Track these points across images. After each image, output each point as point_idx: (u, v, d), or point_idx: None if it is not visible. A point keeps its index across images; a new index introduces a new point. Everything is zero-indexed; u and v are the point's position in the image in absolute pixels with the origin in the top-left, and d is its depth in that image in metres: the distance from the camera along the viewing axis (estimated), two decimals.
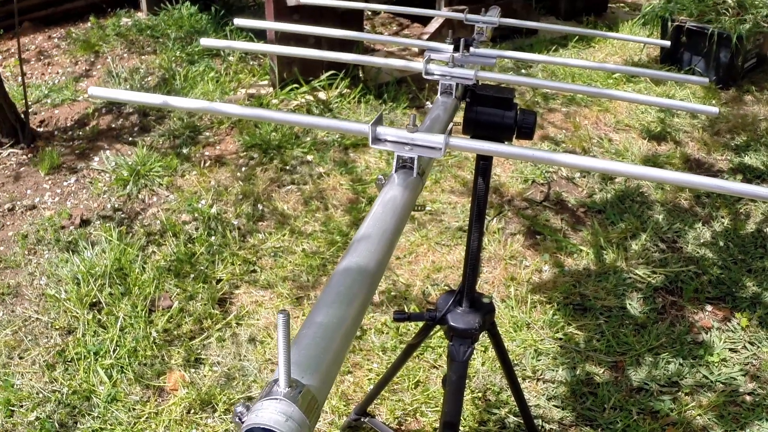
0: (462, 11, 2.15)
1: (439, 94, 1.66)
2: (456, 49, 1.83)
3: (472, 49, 1.85)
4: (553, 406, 3.00)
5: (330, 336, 0.87)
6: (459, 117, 1.72)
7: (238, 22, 2.11)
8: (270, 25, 2.17)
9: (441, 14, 2.37)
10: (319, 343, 0.86)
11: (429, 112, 1.55)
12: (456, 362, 2.03)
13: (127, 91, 1.37)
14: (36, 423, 2.89)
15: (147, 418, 2.93)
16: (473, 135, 1.71)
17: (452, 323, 2.04)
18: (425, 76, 1.66)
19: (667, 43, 2.36)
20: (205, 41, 1.92)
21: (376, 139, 1.26)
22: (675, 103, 1.67)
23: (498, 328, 2.25)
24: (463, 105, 1.73)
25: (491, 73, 1.68)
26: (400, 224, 1.13)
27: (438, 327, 2.15)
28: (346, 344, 0.90)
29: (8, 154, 4.68)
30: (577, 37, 6.60)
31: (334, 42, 5.11)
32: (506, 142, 1.69)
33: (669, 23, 6.03)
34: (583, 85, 1.73)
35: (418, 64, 1.68)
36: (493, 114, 1.70)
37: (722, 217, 4.12)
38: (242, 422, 0.77)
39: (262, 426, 0.75)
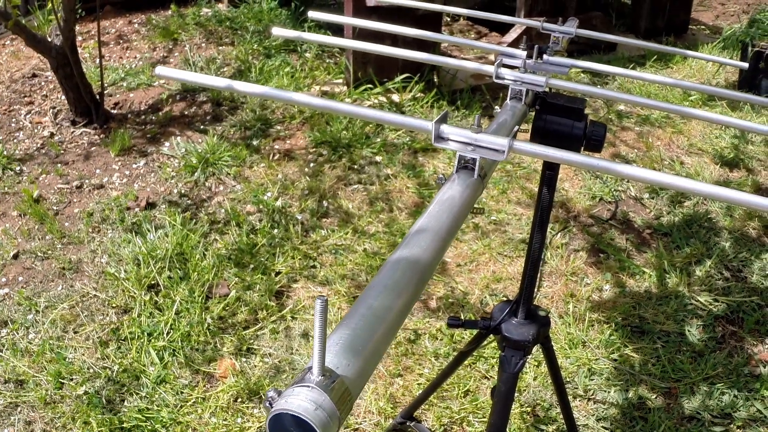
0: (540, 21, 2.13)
1: (508, 99, 1.63)
2: (529, 56, 1.81)
3: (545, 56, 1.83)
4: (602, 427, 2.95)
5: (372, 329, 0.86)
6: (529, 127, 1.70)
7: (313, 14, 2.10)
8: (344, 19, 2.17)
9: (517, 21, 2.35)
10: (359, 334, 0.84)
11: (496, 117, 1.53)
12: (506, 373, 2.00)
13: (192, 72, 1.38)
14: (84, 397, 2.93)
15: (194, 402, 2.95)
16: (541, 144, 1.69)
17: (506, 333, 2.02)
18: (495, 80, 1.64)
19: (745, 64, 2.32)
20: (277, 30, 1.92)
21: (439, 137, 1.24)
22: (748, 125, 1.63)
23: (552, 343, 2.22)
24: (532, 113, 1.71)
25: (563, 81, 1.65)
26: (455, 224, 1.12)
27: (492, 336, 2.13)
28: (388, 339, 0.88)
29: (81, 133, 4.75)
30: (655, 56, 6.51)
31: (411, 46, 5.10)
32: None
33: (749, 48, 5.92)
34: (655, 100, 1.69)
35: (489, 68, 1.66)
36: (563, 123, 1.68)
37: None
38: (272, 407, 0.76)
39: (290, 412, 0.74)
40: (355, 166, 4.53)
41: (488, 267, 3.78)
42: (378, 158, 4.63)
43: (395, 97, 5.33)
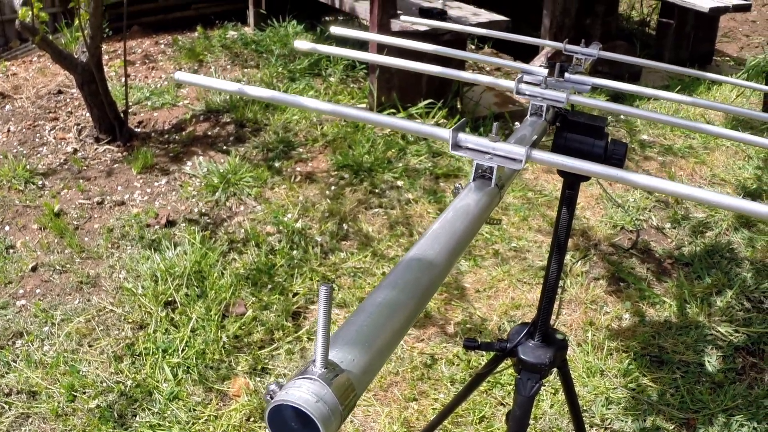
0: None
1: (528, 115, 1.62)
2: (551, 74, 1.79)
3: (566, 75, 1.81)
4: None
5: (380, 327, 0.84)
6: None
7: (335, 30, 2.11)
8: (366, 35, 2.17)
9: (540, 42, 2.34)
10: (366, 331, 0.82)
11: (515, 131, 1.51)
12: (522, 396, 1.98)
13: (208, 77, 1.38)
14: (96, 411, 2.92)
15: (206, 420, 2.94)
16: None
17: (522, 356, 1.99)
18: (516, 95, 1.63)
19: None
20: (300, 43, 1.92)
21: (457, 145, 1.23)
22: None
23: (569, 369, 2.19)
24: (552, 131, 1.70)
25: (583, 97, 1.64)
26: (469, 232, 1.10)
27: (509, 360, 2.11)
28: (395, 339, 0.86)
29: (104, 150, 4.77)
30: (678, 87, 6.49)
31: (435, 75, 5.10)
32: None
33: None
34: (675, 117, 1.67)
35: (509, 83, 1.65)
36: (583, 141, 1.66)
37: None
38: (272, 400, 0.74)
39: (290, 404, 0.72)
40: (376, 190, 4.52)
41: (507, 293, 3.76)
42: (399, 183, 4.63)
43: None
